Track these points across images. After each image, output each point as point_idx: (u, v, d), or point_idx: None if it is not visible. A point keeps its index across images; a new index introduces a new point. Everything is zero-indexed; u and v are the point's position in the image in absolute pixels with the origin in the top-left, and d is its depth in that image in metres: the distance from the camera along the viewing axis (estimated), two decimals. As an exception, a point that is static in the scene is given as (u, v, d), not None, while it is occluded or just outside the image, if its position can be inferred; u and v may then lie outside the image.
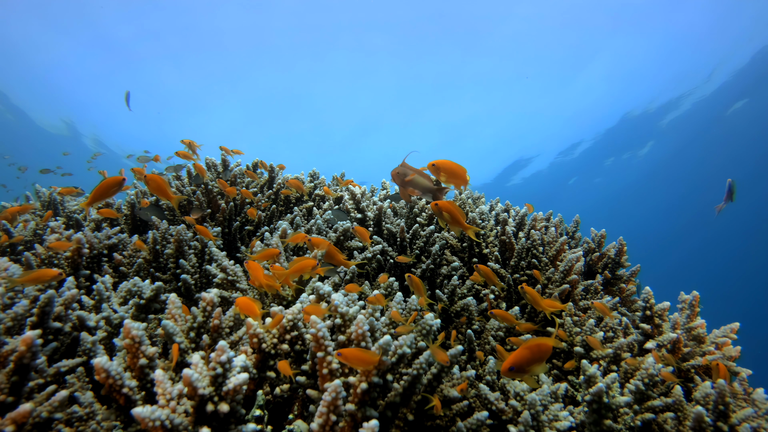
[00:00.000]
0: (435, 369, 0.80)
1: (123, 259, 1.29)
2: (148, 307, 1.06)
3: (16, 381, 0.65)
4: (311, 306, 0.83)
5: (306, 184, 1.99)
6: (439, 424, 0.83)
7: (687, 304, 1.24)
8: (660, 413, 0.93)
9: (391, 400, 0.75)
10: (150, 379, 0.71)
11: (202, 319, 0.84)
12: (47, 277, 0.87)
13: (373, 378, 0.70)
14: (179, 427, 0.57)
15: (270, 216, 1.73)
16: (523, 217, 1.63)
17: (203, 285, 1.32)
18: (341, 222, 1.51)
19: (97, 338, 0.89)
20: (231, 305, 1.07)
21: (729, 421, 0.86)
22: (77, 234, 1.16)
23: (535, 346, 0.66)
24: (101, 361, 0.64)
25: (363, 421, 0.68)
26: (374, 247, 1.44)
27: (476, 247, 1.54)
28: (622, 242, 1.54)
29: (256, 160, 2.07)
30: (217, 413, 0.59)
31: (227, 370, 0.61)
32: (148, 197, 1.74)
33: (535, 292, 1.02)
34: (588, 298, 1.39)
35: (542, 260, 1.45)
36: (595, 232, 1.61)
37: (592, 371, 0.93)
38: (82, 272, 1.17)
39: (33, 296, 0.88)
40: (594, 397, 0.85)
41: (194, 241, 1.40)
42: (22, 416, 0.59)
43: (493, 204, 1.87)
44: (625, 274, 1.52)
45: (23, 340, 0.64)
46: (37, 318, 0.84)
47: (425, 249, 1.48)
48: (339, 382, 0.65)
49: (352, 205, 1.62)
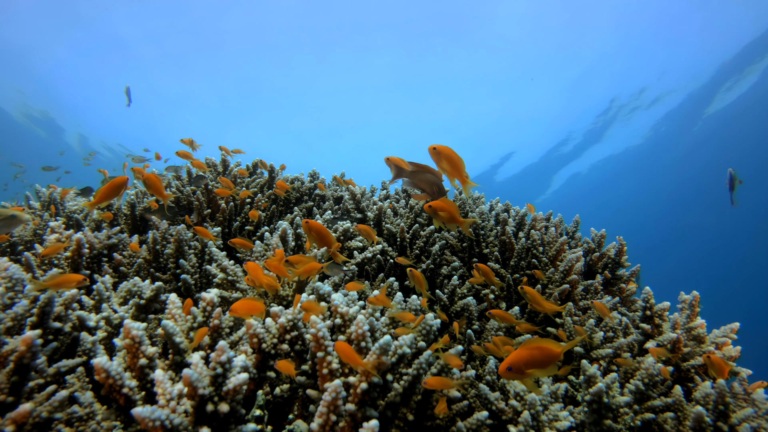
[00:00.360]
0: (435, 369, 0.80)
1: (123, 259, 1.29)
2: (148, 307, 1.06)
3: (16, 381, 0.65)
4: (308, 302, 0.82)
5: (306, 184, 1.99)
6: (439, 424, 0.83)
7: (687, 304, 1.24)
8: (660, 413, 0.93)
9: (391, 400, 0.75)
10: (150, 379, 0.71)
11: (202, 319, 0.84)
12: (72, 282, 0.88)
13: (373, 378, 0.70)
14: (179, 427, 0.57)
15: (270, 216, 1.73)
16: (523, 217, 1.63)
17: (203, 285, 1.32)
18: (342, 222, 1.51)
19: (97, 338, 0.88)
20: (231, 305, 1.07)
21: (729, 421, 0.86)
22: (77, 234, 1.16)
23: (536, 348, 0.63)
24: (101, 361, 0.64)
25: (363, 421, 0.68)
26: (374, 246, 1.44)
27: (476, 247, 1.54)
28: (622, 242, 1.54)
29: (256, 160, 2.07)
30: (217, 413, 0.59)
31: (227, 370, 0.61)
32: (148, 197, 1.74)
33: (536, 292, 1.02)
34: (588, 298, 1.39)
35: (542, 260, 1.45)
36: (595, 232, 1.61)
37: (592, 371, 0.93)
38: (82, 272, 1.17)
39: (33, 296, 0.88)
40: (594, 397, 0.85)
41: (194, 241, 1.40)
42: (22, 416, 0.59)
43: (493, 204, 1.87)
44: (625, 274, 1.52)
45: (23, 340, 0.64)
46: (37, 318, 0.84)
47: (425, 249, 1.48)
48: (339, 382, 0.65)
49: (352, 205, 1.62)
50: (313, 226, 0.96)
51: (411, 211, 1.66)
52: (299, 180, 2.00)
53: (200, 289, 1.31)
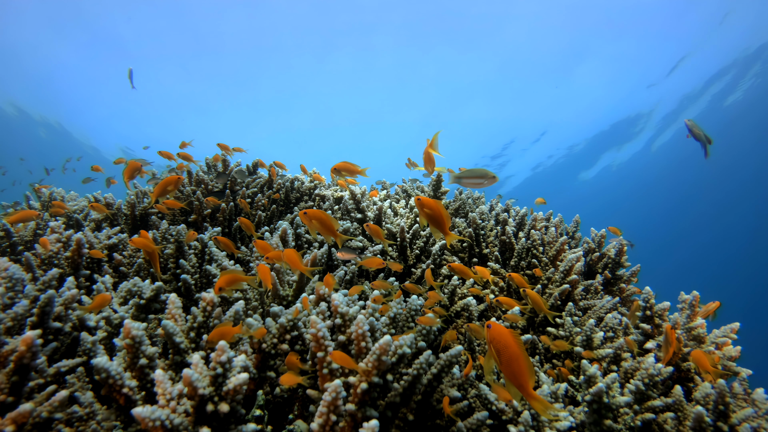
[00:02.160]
0: (435, 369, 0.80)
1: (123, 259, 1.29)
2: (148, 307, 1.06)
3: (16, 381, 0.65)
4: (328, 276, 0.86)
5: (305, 184, 1.99)
6: (439, 424, 0.83)
7: (687, 304, 1.24)
8: (660, 413, 0.93)
9: (392, 400, 0.75)
10: (150, 379, 0.71)
11: (202, 319, 0.84)
12: (106, 302, 0.90)
13: (373, 378, 0.70)
14: (179, 427, 0.57)
15: (270, 216, 1.73)
16: (523, 217, 1.63)
17: (203, 285, 1.32)
18: (343, 222, 1.51)
19: (97, 338, 0.88)
20: (231, 305, 1.07)
21: (729, 421, 0.86)
22: (77, 234, 1.16)
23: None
24: (101, 361, 0.64)
25: (363, 421, 0.68)
26: (374, 247, 1.44)
27: (476, 247, 1.54)
28: (622, 242, 1.54)
29: (256, 160, 2.07)
30: (217, 413, 0.59)
31: (227, 370, 0.61)
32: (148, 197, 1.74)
33: (537, 294, 1.03)
34: (588, 298, 1.39)
35: (542, 260, 1.45)
36: (595, 232, 1.61)
37: (592, 371, 0.93)
38: (82, 272, 1.17)
39: (33, 296, 0.88)
40: (594, 397, 0.85)
41: (194, 241, 1.40)
42: (22, 416, 0.59)
43: (493, 204, 1.87)
44: (625, 274, 1.52)
45: (23, 340, 0.64)
46: (37, 318, 0.84)
47: (425, 249, 1.48)
48: (339, 382, 0.65)
49: (352, 205, 1.62)
50: (313, 214, 0.94)
51: (411, 211, 1.66)
52: (299, 180, 2.00)
53: (200, 289, 1.31)
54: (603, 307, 1.29)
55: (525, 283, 1.14)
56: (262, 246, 1.04)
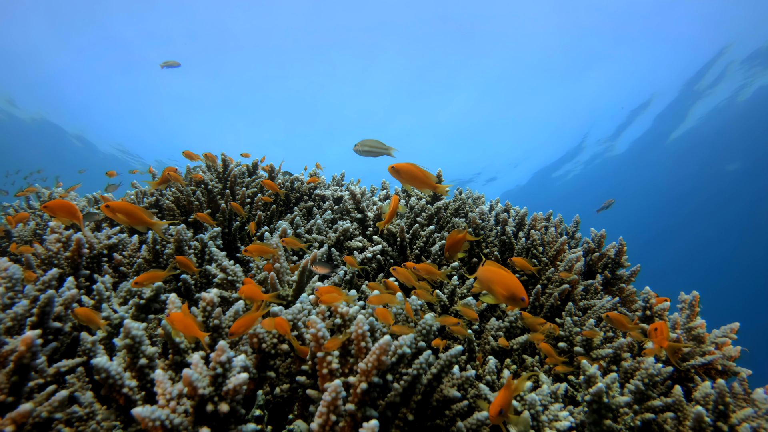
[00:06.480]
0: (435, 369, 0.80)
1: (123, 259, 1.29)
2: (148, 307, 1.06)
3: (16, 381, 0.65)
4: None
5: (305, 184, 1.98)
6: (439, 424, 0.83)
7: (687, 304, 1.24)
8: (660, 413, 0.93)
9: (391, 400, 0.75)
10: (150, 379, 0.71)
11: (202, 319, 0.84)
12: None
13: (373, 378, 0.70)
14: (179, 427, 0.57)
15: (270, 216, 1.73)
16: (523, 217, 1.63)
17: (203, 285, 1.32)
18: (341, 222, 1.51)
19: (97, 338, 0.88)
20: (231, 305, 1.07)
21: (729, 421, 0.86)
22: (77, 234, 1.16)
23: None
24: (101, 361, 0.64)
25: (363, 421, 0.68)
26: (374, 247, 1.44)
27: (476, 247, 1.54)
28: (622, 242, 1.54)
29: (256, 161, 2.07)
30: (217, 413, 0.59)
31: (227, 370, 0.61)
32: (148, 197, 1.74)
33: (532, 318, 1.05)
34: (588, 298, 1.39)
35: (542, 260, 1.45)
36: (595, 232, 1.61)
37: (592, 371, 0.93)
38: (82, 272, 1.17)
39: (33, 296, 0.88)
40: (594, 397, 0.85)
41: (194, 241, 1.40)
42: (22, 416, 0.59)
43: (493, 204, 1.87)
44: (625, 274, 1.52)
45: (23, 340, 0.64)
46: (37, 318, 0.84)
47: (425, 249, 1.48)
48: (339, 382, 0.65)
49: (352, 205, 1.62)
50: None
51: (411, 211, 1.66)
52: (299, 180, 2.00)
53: (200, 289, 1.31)
54: (603, 307, 1.29)
55: (527, 265, 1.15)
56: (257, 249, 1.06)
